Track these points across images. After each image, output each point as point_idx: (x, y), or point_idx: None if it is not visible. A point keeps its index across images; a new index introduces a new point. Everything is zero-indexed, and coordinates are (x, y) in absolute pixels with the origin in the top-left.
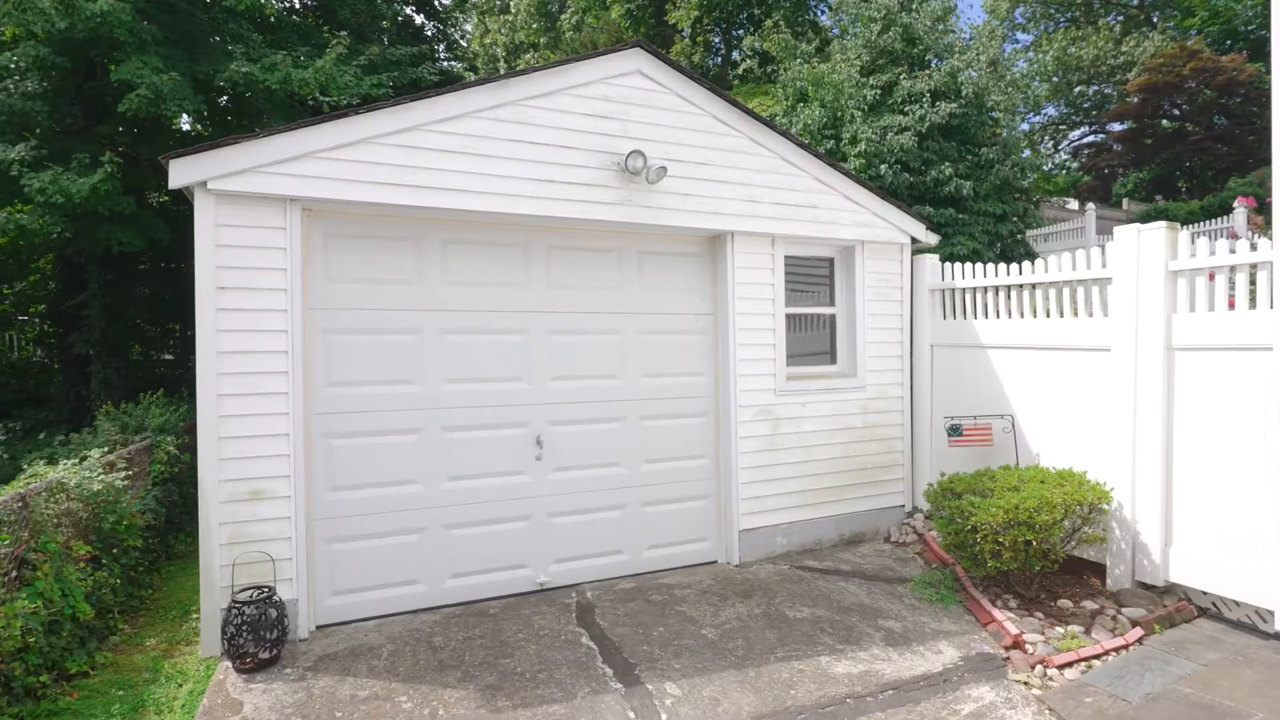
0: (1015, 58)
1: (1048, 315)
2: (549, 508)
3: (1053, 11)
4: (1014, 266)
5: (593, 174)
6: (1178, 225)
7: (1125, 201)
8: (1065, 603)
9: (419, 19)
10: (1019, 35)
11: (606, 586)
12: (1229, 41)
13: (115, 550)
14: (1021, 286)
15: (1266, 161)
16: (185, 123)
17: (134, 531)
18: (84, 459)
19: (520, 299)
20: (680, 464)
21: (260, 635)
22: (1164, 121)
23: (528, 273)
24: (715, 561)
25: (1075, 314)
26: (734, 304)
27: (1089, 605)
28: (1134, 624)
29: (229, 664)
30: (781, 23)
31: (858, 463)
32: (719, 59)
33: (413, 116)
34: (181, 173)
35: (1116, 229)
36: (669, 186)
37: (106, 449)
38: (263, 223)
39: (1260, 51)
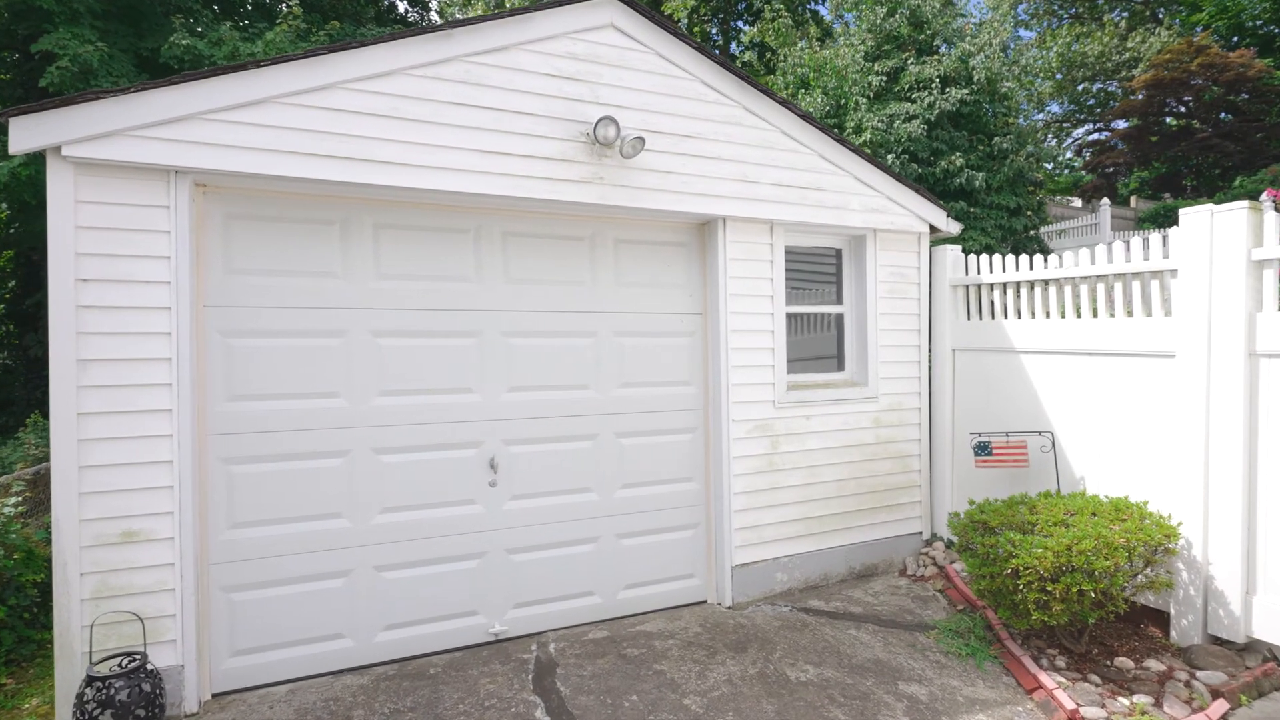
0: (1021, 52)
1: (1094, 315)
2: (506, 543)
3: (1056, 8)
4: (1052, 258)
5: (557, 146)
6: (1261, 205)
7: (1133, 199)
8: (1124, 661)
9: (402, 6)
10: (1022, 32)
11: (574, 636)
12: (1235, 38)
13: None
14: (1060, 281)
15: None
16: None
17: (35, 563)
18: None
19: (471, 295)
20: (663, 488)
21: (128, 716)
22: (1169, 119)
23: (480, 264)
24: (704, 601)
25: (1129, 313)
26: (726, 302)
27: (1154, 665)
28: (1214, 693)
29: None
30: (781, 7)
31: (869, 485)
32: (716, 52)
33: (329, 71)
34: (25, 134)
35: (1182, 211)
36: (648, 162)
37: None
38: (139, 200)
39: (1269, 47)
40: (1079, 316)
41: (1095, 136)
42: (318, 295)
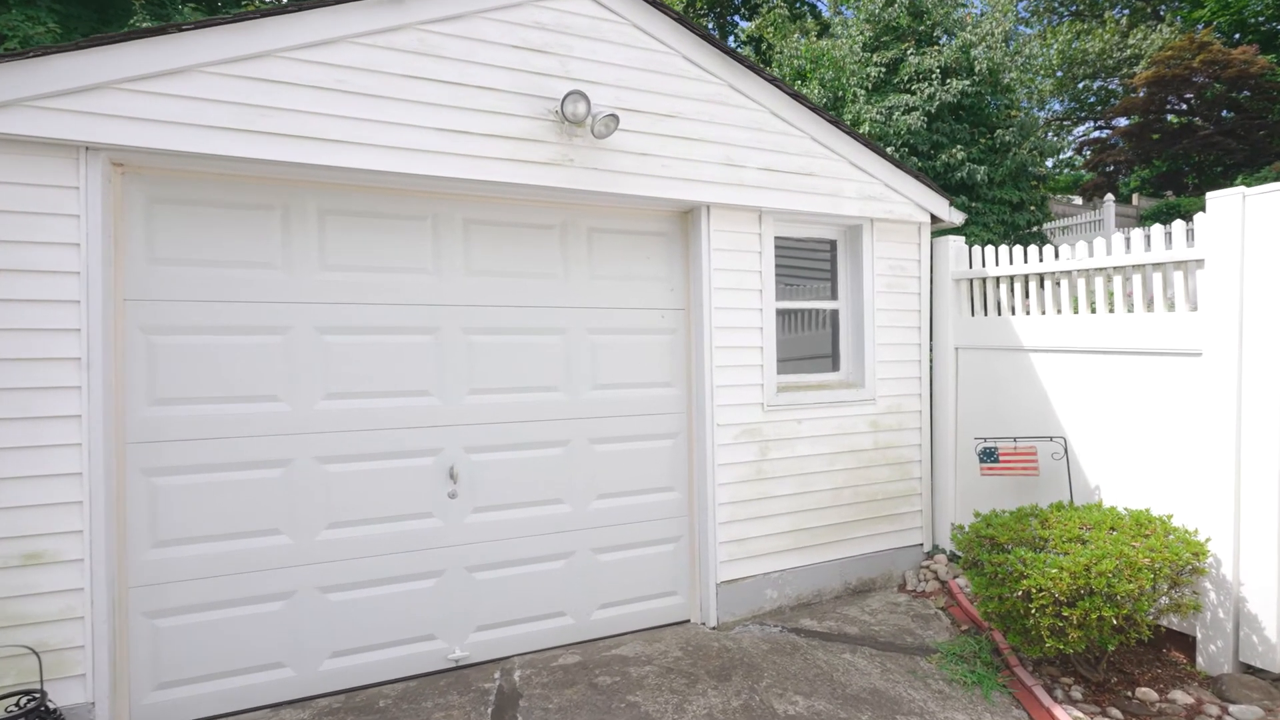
0: (1024, 42)
1: (1110, 310)
2: (467, 560)
3: (1056, 5)
4: (1064, 249)
5: (523, 125)
6: None
7: (1135, 197)
8: (1147, 693)
9: None
10: (1022, 29)
11: (542, 662)
12: (1237, 34)
13: None
14: (1073, 274)
15: None
16: None
17: None
18: None
19: (429, 289)
20: (642, 499)
21: None
22: (1171, 117)
23: (438, 254)
24: (687, 621)
25: (1149, 308)
26: (711, 296)
27: (1180, 697)
28: None
29: None
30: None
31: (866, 493)
32: None
33: (263, 38)
34: None
35: (1209, 195)
36: (623, 143)
37: None
38: (41, 179)
39: (1271, 44)
40: (1093, 312)
41: (1096, 134)
42: (255, 288)
